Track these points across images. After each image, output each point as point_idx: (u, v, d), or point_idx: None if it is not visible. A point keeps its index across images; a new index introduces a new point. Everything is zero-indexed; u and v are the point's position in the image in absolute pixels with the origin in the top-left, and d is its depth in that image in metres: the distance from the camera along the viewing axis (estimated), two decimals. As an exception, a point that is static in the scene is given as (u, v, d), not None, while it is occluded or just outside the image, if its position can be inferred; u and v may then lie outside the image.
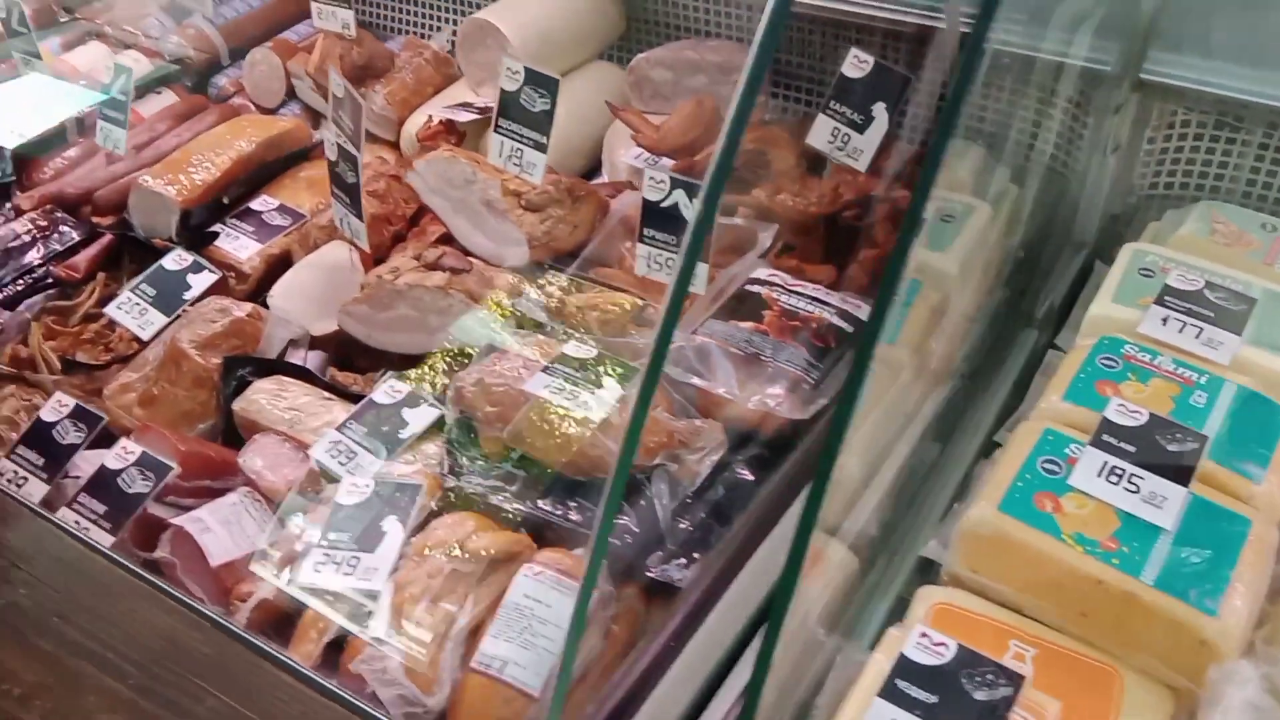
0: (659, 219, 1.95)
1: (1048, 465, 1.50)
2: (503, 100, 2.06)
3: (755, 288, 2.05)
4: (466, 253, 2.12)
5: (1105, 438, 1.51)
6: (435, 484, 1.78)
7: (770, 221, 2.28)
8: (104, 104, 2.52)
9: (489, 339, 1.94)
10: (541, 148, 2.05)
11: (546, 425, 1.76)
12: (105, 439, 1.90)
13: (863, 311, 2.03)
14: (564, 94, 2.70)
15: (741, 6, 2.72)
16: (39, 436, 1.88)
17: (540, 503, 1.72)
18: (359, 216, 2.09)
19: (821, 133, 2.24)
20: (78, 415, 1.89)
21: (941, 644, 1.31)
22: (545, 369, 1.81)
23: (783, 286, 2.05)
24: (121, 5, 3.20)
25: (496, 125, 2.09)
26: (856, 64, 2.19)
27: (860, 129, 2.20)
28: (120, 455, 1.79)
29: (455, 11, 3.07)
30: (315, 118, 2.87)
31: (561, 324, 1.97)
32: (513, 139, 2.08)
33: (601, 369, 1.83)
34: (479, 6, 3.03)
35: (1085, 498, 1.45)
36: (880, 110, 2.18)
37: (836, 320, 1.98)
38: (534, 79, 2.03)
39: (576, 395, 1.77)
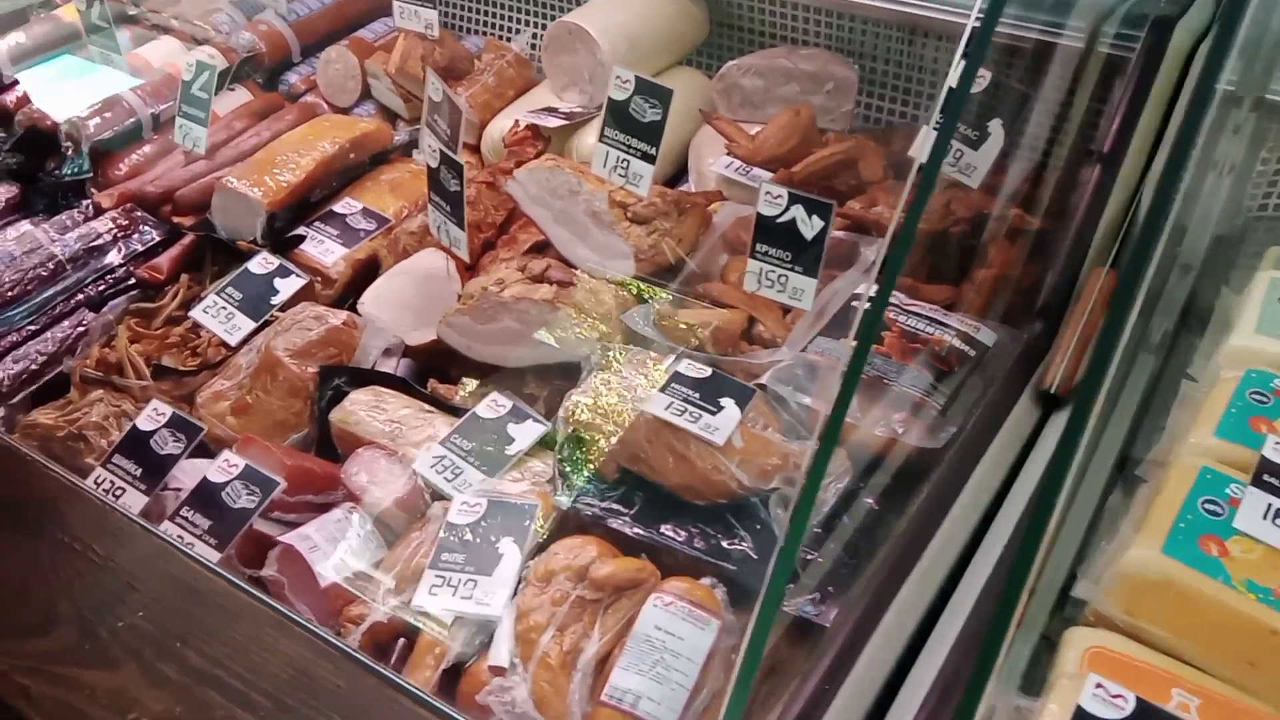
0: (773, 234, 1.89)
1: (1209, 506, 1.44)
2: (610, 109, 2.00)
3: (867, 305, 1.98)
4: (568, 264, 2.06)
5: (1266, 478, 1.45)
6: (549, 504, 1.73)
7: (865, 234, 2.23)
8: (184, 100, 2.46)
9: (597, 355, 1.88)
10: (650, 159, 1.99)
11: (665, 447, 1.70)
12: (197, 447, 1.85)
13: (983, 334, 1.97)
14: (649, 99, 2.67)
15: (829, 13, 2.66)
16: (136, 446, 1.83)
17: (663, 528, 1.66)
18: (459, 225, 2.03)
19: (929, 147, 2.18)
20: (175, 425, 1.84)
21: (1119, 696, 1.24)
22: (662, 388, 1.75)
23: (899, 306, 1.99)
24: (190, 0, 3.15)
25: (602, 135, 2.03)
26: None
27: (974, 145, 2.14)
28: (224, 469, 1.73)
29: (536, 13, 3.01)
30: (391, 118, 2.81)
31: (669, 340, 1.91)
32: (619, 149, 2.02)
33: (718, 389, 1.77)
34: (560, 8, 2.98)
35: (1252, 541, 1.39)
36: (996, 126, 2.12)
37: (958, 343, 1.92)
38: (645, 89, 1.97)
39: (698, 417, 1.71)
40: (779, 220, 1.89)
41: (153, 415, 1.85)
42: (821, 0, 2.65)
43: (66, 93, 2.73)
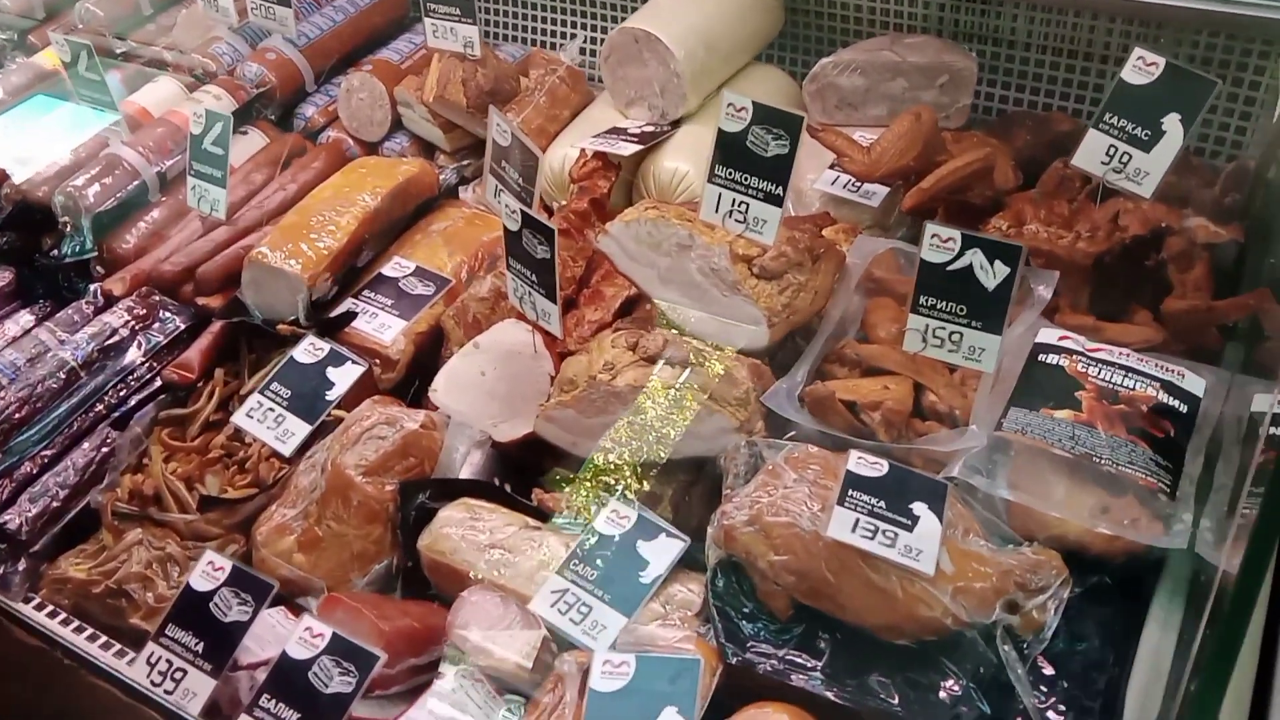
0: (943, 284, 1.55)
1: None
2: (722, 143, 1.66)
3: (1051, 358, 1.65)
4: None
5: None
6: (713, 656, 1.40)
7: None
8: (195, 157, 2.11)
9: (744, 451, 1.55)
10: (776, 201, 1.65)
11: (857, 578, 1.37)
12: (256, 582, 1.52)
13: (1189, 382, 1.63)
14: (727, 109, 2.31)
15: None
16: (193, 611, 1.50)
17: (869, 680, 1.34)
18: (550, 297, 1.69)
19: (1093, 152, 1.83)
20: (238, 582, 1.51)
21: None
22: (840, 499, 1.41)
23: (1084, 354, 1.65)
24: (183, 30, 2.77)
25: (712, 175, 1.68)
26: (1141, 67, 1.77)
27: (1146, 146, 1.79)
28: (307, 642, 1.41)
29: (584, 16, 2.64)
30: (428, 151, 2.46)
31: (826, 426, 1.58)
32: (736, 191, 1.67)
33: (905, 491, 1.44)
34: (612, 13, 2.61)
35: None
36: (1174, 123, 1.76)
37: (1167, 399, 1.58)
38: (766, 116, 1.62)
39: (893, 538, 1.38)
40: (951, 268, 1.54)
41: (209, 572, 1.52)
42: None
43: (49, 145, 2.36)
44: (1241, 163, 1.97)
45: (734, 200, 1.69)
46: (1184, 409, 1.59)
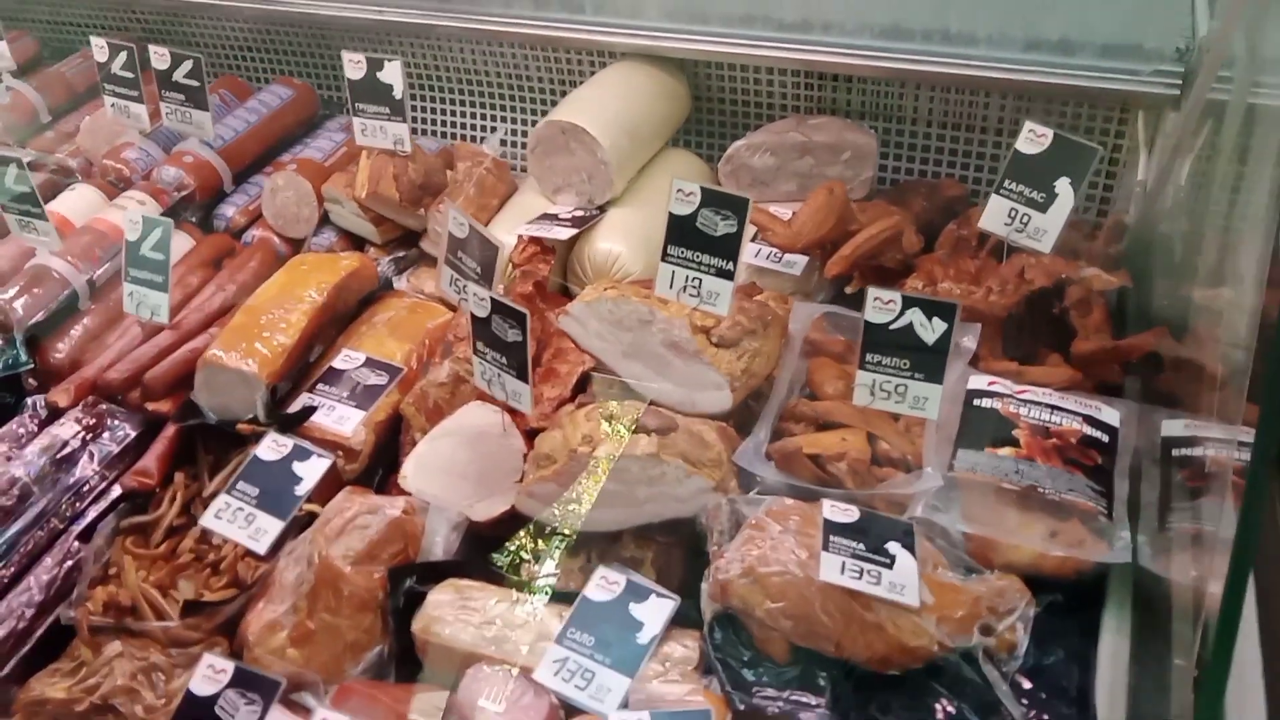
0: (887, 342, 1.70)
1: None
2: (674, 225, 1.78)
3: (985, 401, 1.82)
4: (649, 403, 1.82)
5: None
6: (721, 705, 1.48)
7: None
8: (132, 264, 2.10)
9: (725, 510, 1.65)
10: (728, 275, 1.78)
11: (850, 617, 1.48)
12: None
13: (1105, 414, 1.82)
14: (649, 189, 2.45)
15: (809, 75, 2.50)
16: (197, 719, 1.49)
17: (871, 709, 1.44)
18: (520, 377, 1.77)
19: (997, 215, 2.04)
20: (243, 682, 1.51)
21: None
22: (825, 545, 1.53)
23: (1013, 396, 1.83)
24: (88, 136, 2.75)
25: (665, 254, 1.80)
26: (1034, 138, 1.99)
27: (1042, 208, 2.00)
28: (326, 734, 1.42)
29: (504, 110, 2.76)
30: (357, 244, 2.50)
31: (796, 479, 1.69)
32: (689, 267, 1.79)
33: (878, 534, 1.56)
34: (531, 107, 2.74)
35: None
36: (1065, 186, 1.99)
37: (1091, 430, 1.77)
38: (715, 200, 1.75)
39: (877, 576, 1.50)
40: (893, 327, 1.69)
41: (210, 675, 1.51)
42: (797, 62, 2.48)
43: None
44: (1118, 217, 2.21)
45: (688, 277, 1.80)
46: (1106, 438, 1.78)
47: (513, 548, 1.79)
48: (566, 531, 1.75)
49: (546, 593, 1.70)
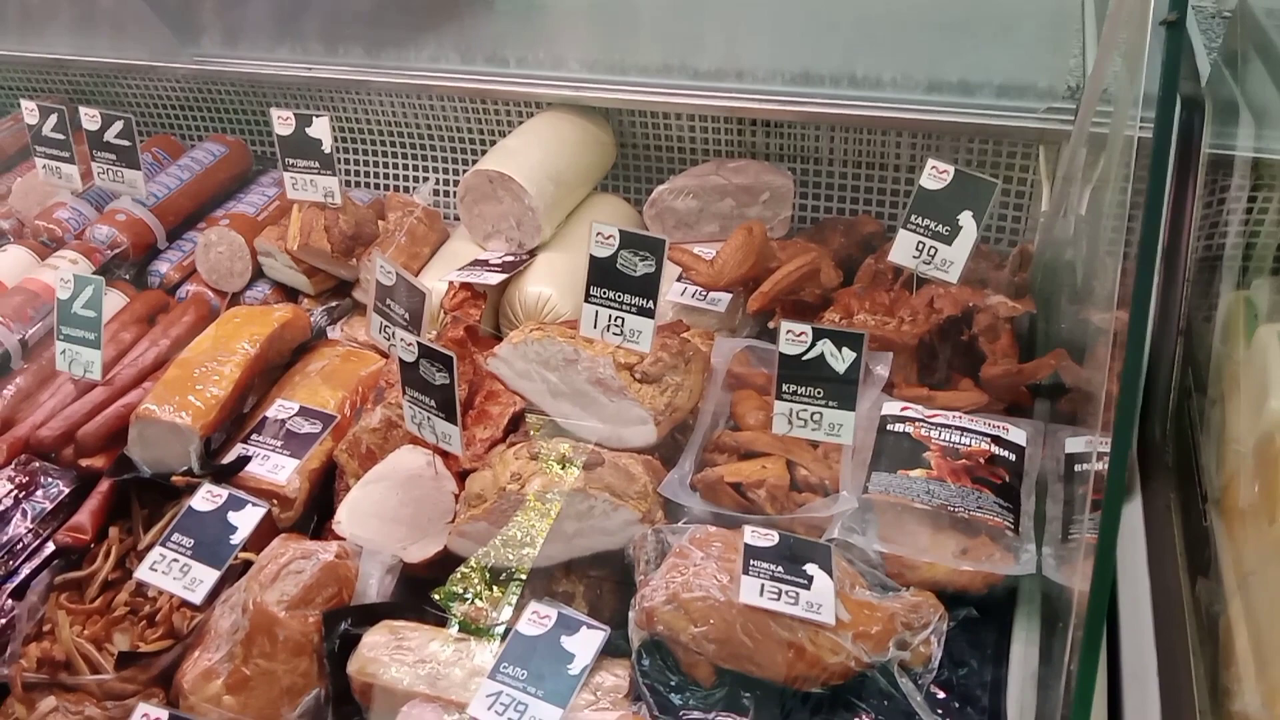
0: (801, 372, 1.77)
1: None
2: (596, 266, 1.84)
3: (897, 426, 1.89)
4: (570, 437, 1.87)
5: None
6: (650, 729, 1.52)
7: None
8: (65, 322, 2.13)
9: (650, 540, 1.70)
10: (649, 314, 1.84)
11: (770, 638, 1.53)
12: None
13: (1012, 434, 1.90)
14: (576, 233, 2.52)
15: (727, 120, 2.60)
16: (134, 767, 1.50)
17: (796, 732, 1.49)
18: (450, 419, 1.81)
19: (906, 248, 2.13)
20: (179, 730, 1.52)
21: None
22: (745, 569, 1.59)
23: (924, 420, 1.91)
24: (20, 198, 2.78)
25: (588, 295, 1.86)
26: (936, 175, 2.09)
27: (948, 240, 2.10)
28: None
29: (433, 161, 2.83)
30: (290, 296, 2.54)
31: (719, 508, 1.75)
32: (610, 307, 1.86)
33: (796, 556, 1.62)
34: (459, 155, 2.81)
35: None
36: (968, 219, 2.09)
37: (998, 450, 1.85)
38: (633, 242, 1.82)
39: (796, 596, 1.56)
40: (805, 358, 1.77)
41: (146, 725, 1.53)
42: (715, 108, 2.58)
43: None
44: (1023, 246, 2.32)
45: (610, 316, 1.87)
46: (1012, 457, 1.86)
47: (450, 588, 1.83)
48: (499, 569, 1.79)
49: (481, 630, 1.74)
